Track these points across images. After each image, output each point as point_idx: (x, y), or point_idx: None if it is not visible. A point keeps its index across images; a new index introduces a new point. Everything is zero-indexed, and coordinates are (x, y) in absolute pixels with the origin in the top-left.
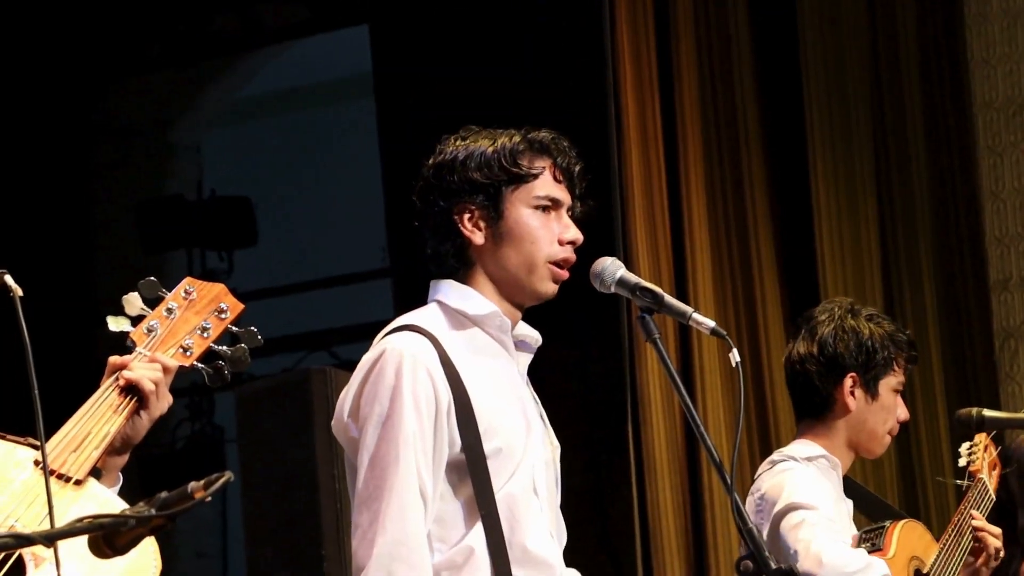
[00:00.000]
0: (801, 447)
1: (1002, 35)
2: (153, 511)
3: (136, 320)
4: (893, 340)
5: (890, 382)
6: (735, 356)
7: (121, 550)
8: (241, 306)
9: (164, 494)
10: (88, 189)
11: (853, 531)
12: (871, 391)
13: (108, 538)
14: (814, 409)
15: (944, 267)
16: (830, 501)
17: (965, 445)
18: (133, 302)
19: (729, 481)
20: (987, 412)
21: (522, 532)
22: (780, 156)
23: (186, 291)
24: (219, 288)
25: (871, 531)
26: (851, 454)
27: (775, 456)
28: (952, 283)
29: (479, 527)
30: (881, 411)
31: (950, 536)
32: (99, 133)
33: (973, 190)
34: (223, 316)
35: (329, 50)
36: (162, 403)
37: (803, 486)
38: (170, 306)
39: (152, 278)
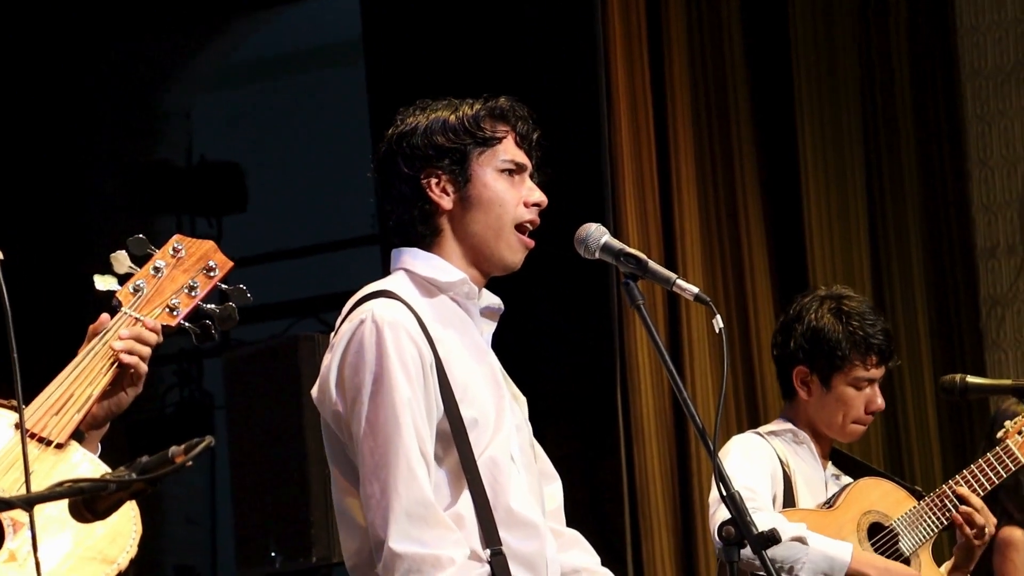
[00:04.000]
0: (772, 424)
1: (991, 2)
2: (134, 475)
3: (124, 279)
4: (852, 339)
5: (845, 377)
6: (719, 322)
7: (102, 515)
8: (230, 263)
9: (145, 458)
10: (77, 154)
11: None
12: (824, 384)
13: (89, 503)
14: (785, 391)
15: (932, 235)
16: (767, 465)
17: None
18: (121, 260)
19: (712, 447)
20: (971, 378)
21: (505, 495)
22: (768, 123)
23: (174, 249)
24: (208, 245)
25: (837, 493)
26: (824, 437)
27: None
28: (939, 251)
29: (466, 493)
30: (836, 403)
31: (933, 498)
32: (88, 98)
33: (961, 158)
34: (212, 274)
35: (319, 15)
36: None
37: (733, 456)
38: (157, 264)
39: (140, 235)
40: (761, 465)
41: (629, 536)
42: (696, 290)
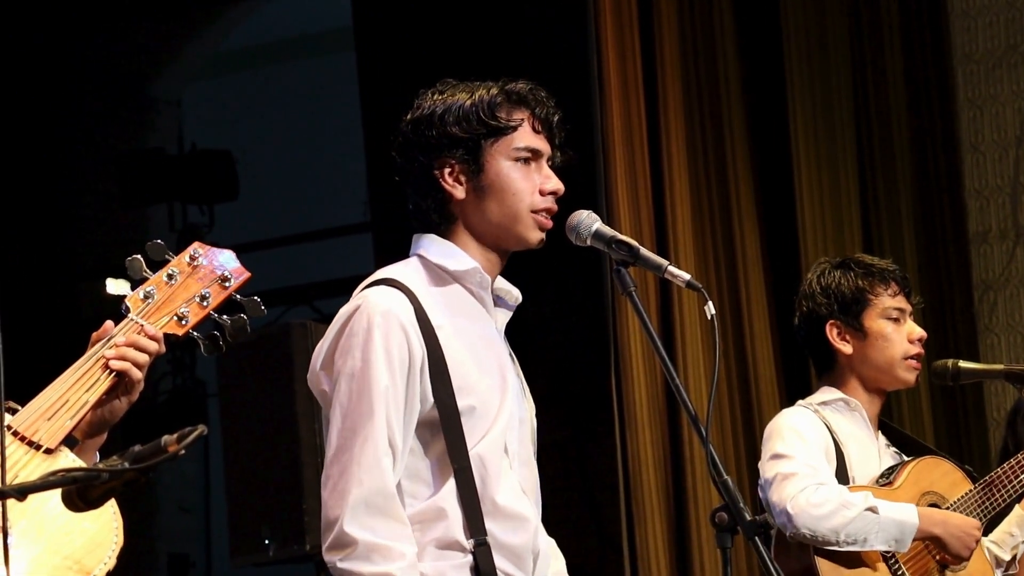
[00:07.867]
0: (820, 394)
1: None
2: (127, 464)
3: (137, 284)
4: (867, 274)
5: (875, 312)
6: (710, 309)
7: (94, 503)
8: (247, 274)
9: (138, 447)
10: (69, 143)
11: (880, 468)
12: (859, 329)
13: (81, 492)
14: (823, 365)
15: (924, 219)
16: (821, 442)
17: None
18: (137, 265)
19: (704, 434)
20: (963, 363)
21: (493, 487)
22: (760, 109)
23: (191, 256)
24: (227, 255)
25: (892, 468)
26: (875, 395)
27: (799, 402)
28: (932, 235)
29: (451, 482)
30: (878, 342)
31: (988, 481)
32: (80, 86)
33: (953, 143)
34: (227, 284)
35: (310, 3)
36: (140, 385)
37: (785, 433)
38: (171, 271)
39: (159, 241)
40: (815, 441)
41: (624, 524)
42: (688, 277)
